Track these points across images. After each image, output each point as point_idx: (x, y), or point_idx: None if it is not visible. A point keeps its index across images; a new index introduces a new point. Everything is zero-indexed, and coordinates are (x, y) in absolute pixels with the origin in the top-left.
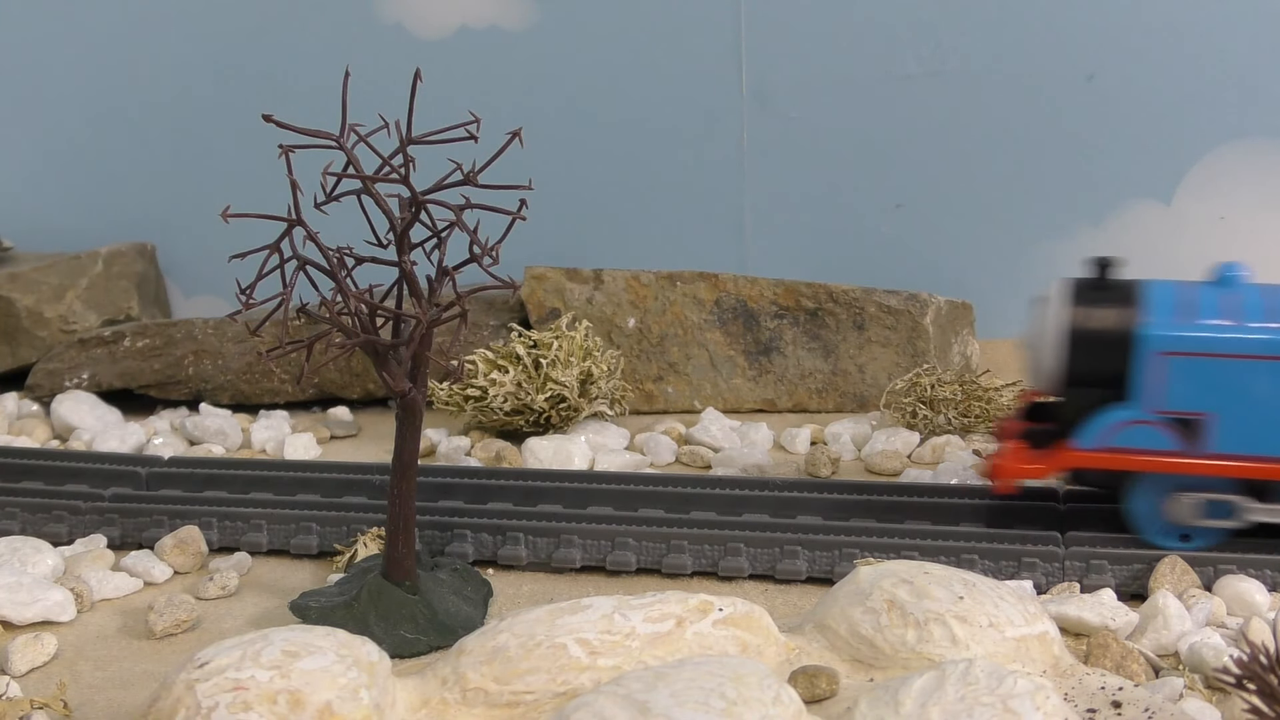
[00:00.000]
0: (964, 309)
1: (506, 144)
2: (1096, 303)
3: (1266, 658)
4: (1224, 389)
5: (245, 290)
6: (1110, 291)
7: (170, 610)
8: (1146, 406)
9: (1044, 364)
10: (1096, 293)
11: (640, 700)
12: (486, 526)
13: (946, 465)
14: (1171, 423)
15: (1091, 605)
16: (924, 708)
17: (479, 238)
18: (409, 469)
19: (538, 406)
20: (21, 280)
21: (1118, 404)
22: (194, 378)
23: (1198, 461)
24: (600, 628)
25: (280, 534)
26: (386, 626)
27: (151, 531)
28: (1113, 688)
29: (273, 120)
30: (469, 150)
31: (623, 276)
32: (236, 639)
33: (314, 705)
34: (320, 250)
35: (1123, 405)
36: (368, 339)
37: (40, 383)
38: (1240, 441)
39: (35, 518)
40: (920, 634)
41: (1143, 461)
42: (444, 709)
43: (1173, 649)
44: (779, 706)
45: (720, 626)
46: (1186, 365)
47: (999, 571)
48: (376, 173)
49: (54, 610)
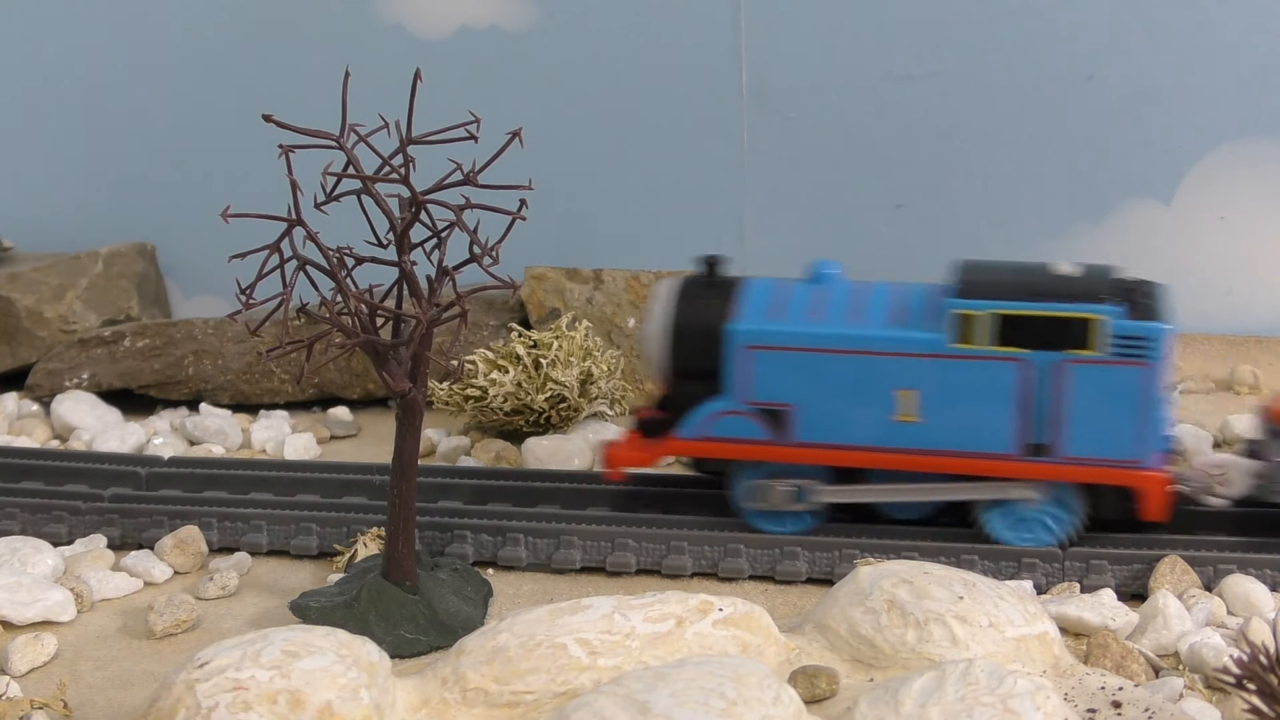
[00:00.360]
0: None
1: (506, 144)
2: (696, 299)
3: (1266, 658)
4: (803, 381)
5: (245, 290)
6: (711, 289)
7: (170, 610)
8: (738, 398)
9: (653, 357)
10: (699, 290)
11: (640, 700)
12: (486, 527)
13: None
14: (761, 413)
15: (1091, 605)
16: (924, 708)
17: (479, 238)
18: (409, 469)
19: (538, 406)
20: (21, 280)
21: (715, 396)
22: (194, 378)
23: (782, 449)
24: (600, 628)
25: (280, 534)
26: (386, 626)
27: (151, 532)
28: (1113, 688)
29: (273, 120)
30: (469, 150)
31: (623, 276)
32: (236, 639)
33: (314, 705)
34: (320, 250)
35: (718, 397)
36: (368, 339)
37: (40, 383)
38: (820, 430)
39: (35, 518)
40: (920, 634)
41: (734, 450)
42: (444, 709)
43: (1173, 649)
44: (779, 706)
45: (720, 626)
46: (770, 359)
47: (999, 571)
48: (376, 173)
49: (54, 610)
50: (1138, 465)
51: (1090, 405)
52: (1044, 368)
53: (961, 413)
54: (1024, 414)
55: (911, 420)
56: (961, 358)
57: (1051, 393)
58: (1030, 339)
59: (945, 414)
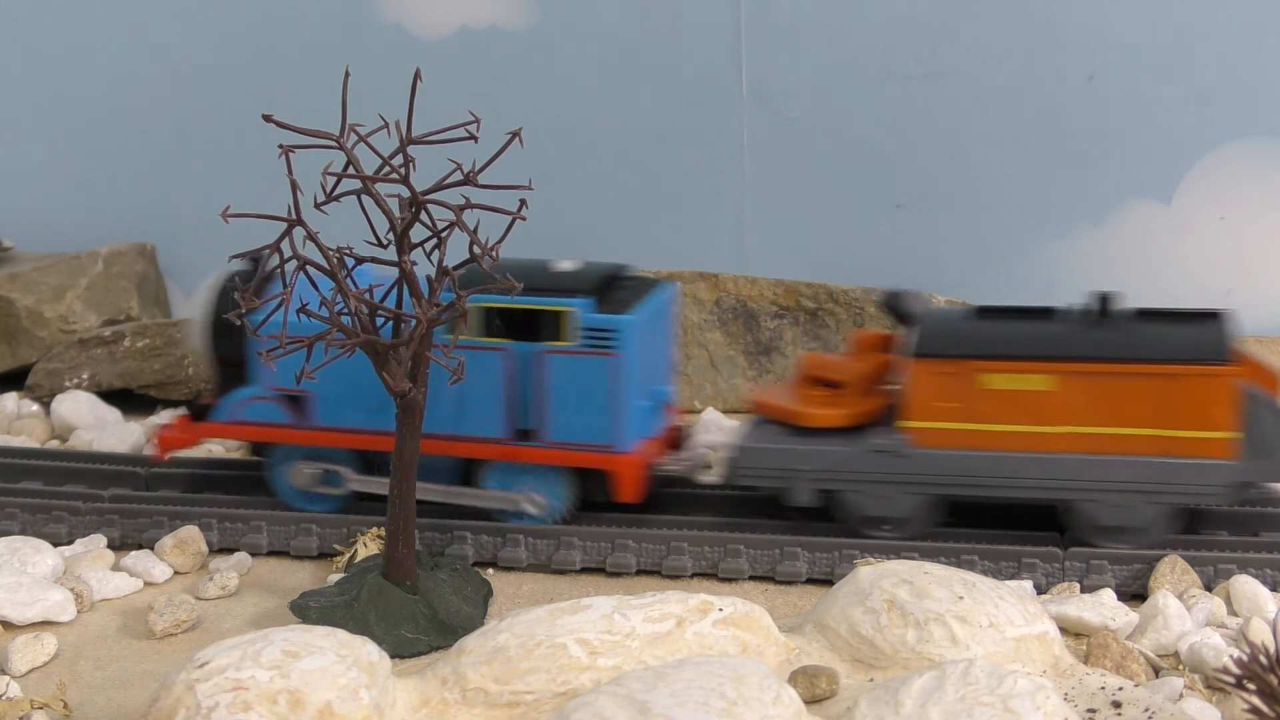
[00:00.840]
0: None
1: (506, 144)
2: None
3: (1266, 658)
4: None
5: (245, 290)
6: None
7: (170, 610)
8: (264, 384)
9: (196, 346)
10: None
11: (640, 700)
12: (486, 528)
13: None
14: (284, 399)
15: (1091, 605)
16: (924, 708)
17: (479, 238)
18: (409, 469)
19: None
20: (21, 280)
21: (246, 383)
22: (194, 378)
23: (302, 433)
24: (600, 628)
25: (280, 535)
26: (387, 626)
27: (151, 532)
28: (1113, 688)
29: (273, 120)
30: (469, 150)
31: None
32: (236, 639)
33: (314, 705)
34: (320, 250)
35: (248, 384)
36: (368, 339)
37: (40, 382)
38: (336, 415)
39: (35, 518)
40: (920, 634)
41: (259, 433)
42: (444, 709)
43: (1173, 649)
44: (779, 706)
45: (720, 626)
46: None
47: (999, 572)
48: (376, 173)
49: (54, 610)
50: (612, 449)
51: (567, 393)
52: (525, 357)
53: (458, 400)
54: (512, 401)
55: None
56: (455, 348)
57: (534, 381)
58: (512, 330)
59: (444, 400)
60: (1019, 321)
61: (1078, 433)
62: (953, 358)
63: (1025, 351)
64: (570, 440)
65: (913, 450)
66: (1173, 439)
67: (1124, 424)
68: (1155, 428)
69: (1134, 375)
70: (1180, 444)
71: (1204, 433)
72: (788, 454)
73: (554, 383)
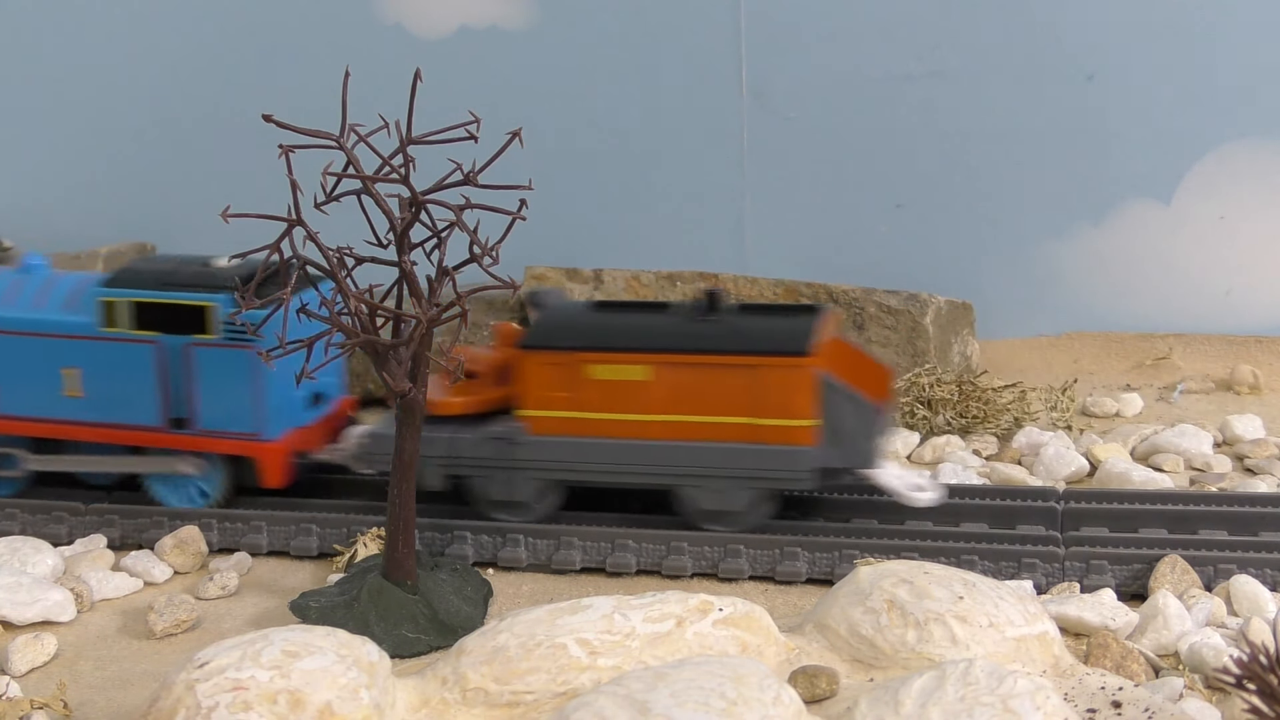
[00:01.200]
0: (964, 309)
1: (506, 144)
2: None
3: (1266, 658)
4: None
5: (245, 290)
6: None
7: (170, 610)
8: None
9: None
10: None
11: (640, 700)
12: (486, 528)
13: (947, 465)
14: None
15: (1091, 605)
16: (924, 708)
17: (479, 238)
18: (409, 469)
19: None
20: None
21: None
22: None
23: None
24: (600, 628)
25: (280, 535)
26: (386, 626)
27: (151, 532)
28: (1113, 688)
29: (273, 120)
30: (469, 150)
31: (623, 276)
32: (236, 639)
33: (314, 705)
34: (320, 250)
35: None
36: (368, 339)
37: None
38: (13, 404)
39: (35, 518)
40: (920, 634)
41: None
42: (444, 709)
43: (1173, 649)
44: (779, 706)
45: (720, 626)
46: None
47: (999, 571)
48: (376, 173)
49: (54, 610)
50: (257, 437)
51: (214, 383)
52: (175, 349)
53: (116, 389)
54: (164, 391)
55: (78, 395)
56: (109, 340)
57: (183, 372)
58: (161, 323)
59: (103, 390)
60: (627, 315)
61: (676, 421)
62: (560, 349)
63: (624, 344)
64: (219, 429)
65: (528, 438)
66: (762, 427)
67: (718, 412)
68: (746, 416)
69: (724, 366)
70: (768, 431)
71: (788, 420)
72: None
73: (202, 374)
